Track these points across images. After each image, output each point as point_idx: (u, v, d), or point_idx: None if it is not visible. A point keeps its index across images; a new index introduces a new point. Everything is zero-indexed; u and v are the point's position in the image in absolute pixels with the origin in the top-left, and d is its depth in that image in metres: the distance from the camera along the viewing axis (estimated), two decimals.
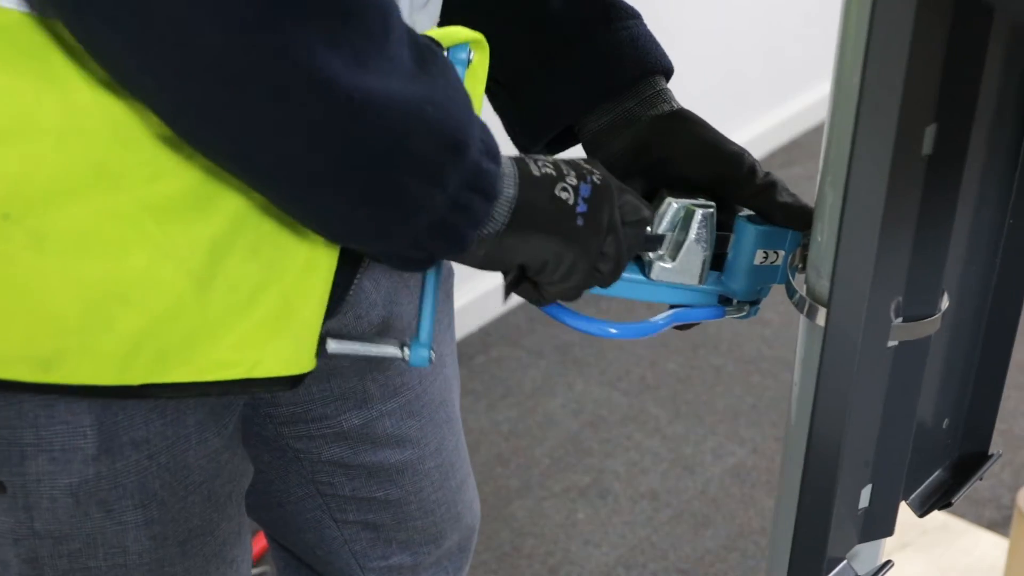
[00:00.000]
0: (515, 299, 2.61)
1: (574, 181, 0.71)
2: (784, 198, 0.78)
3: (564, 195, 0.70)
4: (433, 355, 0.77)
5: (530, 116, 0.85)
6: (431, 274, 0.78)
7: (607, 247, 0.72)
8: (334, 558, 1.03)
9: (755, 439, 2.10)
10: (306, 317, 0.72)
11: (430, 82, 0.63)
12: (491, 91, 0.86)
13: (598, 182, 0.71)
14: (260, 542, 1.79)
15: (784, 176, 3.47)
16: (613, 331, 0.77)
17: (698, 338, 2.34)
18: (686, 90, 0.94)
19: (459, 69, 0.74)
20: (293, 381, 0.73)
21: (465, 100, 0.66)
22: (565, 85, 0.83)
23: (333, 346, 0.76)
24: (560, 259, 0.71)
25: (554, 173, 0.70)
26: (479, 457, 2.06)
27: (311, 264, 0.71)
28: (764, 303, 0.82)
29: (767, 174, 0.79)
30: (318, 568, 1.06)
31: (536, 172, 0.70)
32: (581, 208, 0.70)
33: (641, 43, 0.83)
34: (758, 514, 1.94)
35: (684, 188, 0.79)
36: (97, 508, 0.75)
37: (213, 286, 0.68)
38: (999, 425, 2.11)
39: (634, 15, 0.84)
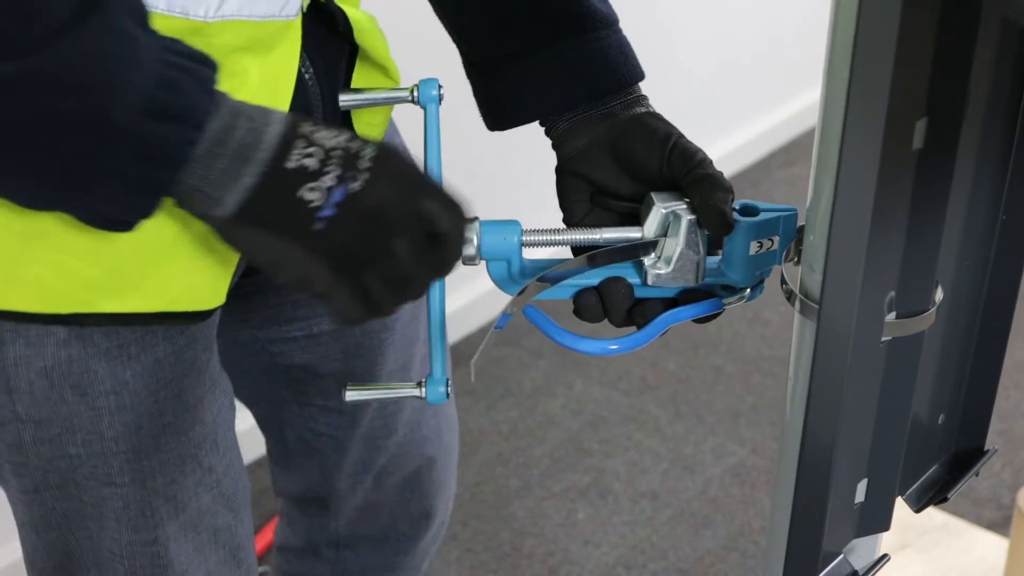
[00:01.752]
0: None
1: (331, 182, 0.66)
2: (711, 195, 0.76)
3: (310, 195, 0.66)
4: (450, 390, 0.79)
5: (494, 107, 0.86)
6: (436, 313, 0.78)
7: (384, 267, 0.68)
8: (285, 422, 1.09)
9: (755, 439, 2.10)
10: (224, 257, 0.77)
11: (52, 56, 0.60)
12: (467, 68, 0.87)
13: (358, 188, 0.66)
14: (265, 537, 1.79)
15: (784, 176, 3.46)
16: (613, 347, 0.77)
17: (698, 338, 2.34)
18: (686, 90, 0.94)
19: (431, 107, 0.76)
20: (206, 315, 0.78)
21: (114, 62, 0.62)
22: (529, 88, 0.83)
23: (351, 395, 0.79)
24: (287, 264, 0.67)
25: (312, 167, 0.66)
26: (479, 457, 2.06)
27: None
28: (765, 303, 0.82)
29: (705, 164, 0.78)
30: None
31: (290, 164, 0.66)
32: (327, 212, 0.66)
33: (612, 55, 0.83)
34: (758, 514, 1.94)
35: (647, 186, 0.80)
36: (72, 392, 0.78)
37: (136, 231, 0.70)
38: (999, 425, 2.12)
39: (609, 24, 0.84)
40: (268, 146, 0.66)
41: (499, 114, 0.86)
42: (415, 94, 0.79)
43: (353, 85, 0.87)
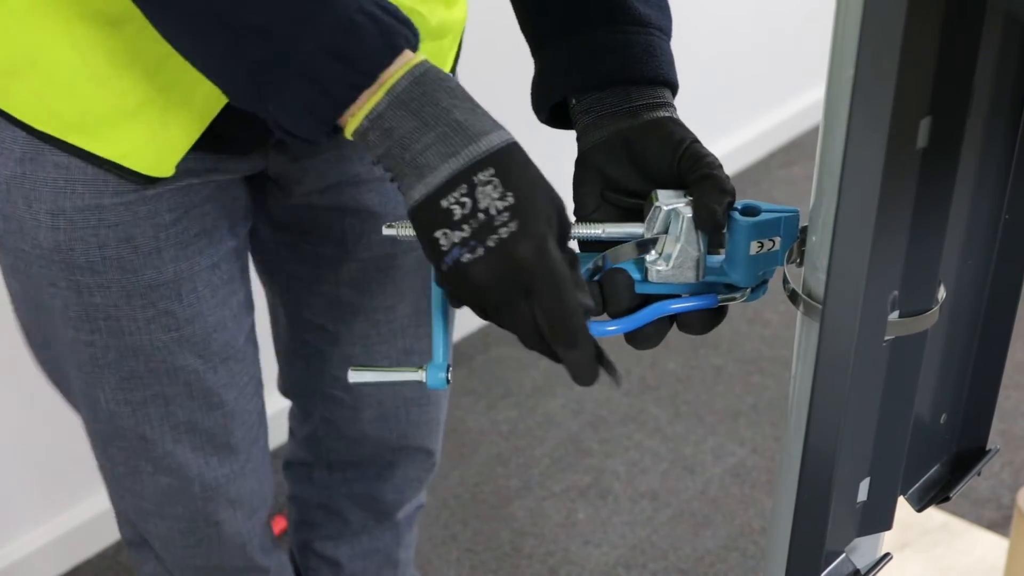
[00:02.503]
0: None
1: (457, 239, 0.69)
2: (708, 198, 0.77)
3: (442, 240, 0.70)
4: (450, 376, 0.79)
5: (533, 84, 0.89)
6: (439, 297, 0.79)
7: (503, 321, 0.72)
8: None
9: (755, 439, 2.10)
10: (177, 139, 0.91)
11: None
12: None
13: (480, 254, 0.69)
14: (280, 524, 1.80)
15: (784, 176, 3.46)
16: (611, 328, 0.78)
17: (698, 338, 2.34)
18: (686, 89, 0.95)
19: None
20: (151, 179, 0.93)
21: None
22: (552, 71, 0.87)
23: (354, 376, 0.79)
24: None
25: (455, 213, 0.69)
26: (479, 457, 2.06)
27: (197, 96, 0.89)
28: (764, 303, 0.82)
29: (711, 165, 0.79)
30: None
31: (443, 203, 0.69)
32: (449, 260, 0.70)
33: (636, 50, 0.84)
34: (758, 514, 1.94)
35: (656, 184, 0.80)
36: (22, 201, 0.95)
37: (108, 87, 0.88)
38: (998, 425, 2.12)
39: (642, 23, 0.86)
40: (441, 174, 0.70)
41: (532, 93, 0.89)
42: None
43: None
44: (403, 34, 0.71)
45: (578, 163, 0.86)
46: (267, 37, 0.70)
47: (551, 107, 0.89)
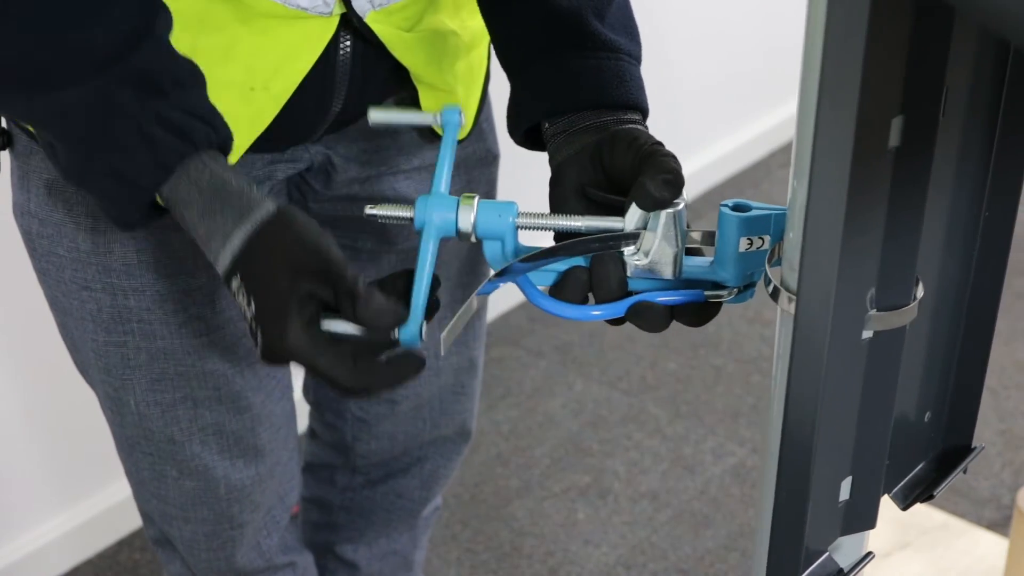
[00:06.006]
0: (513, 299, 2.59)
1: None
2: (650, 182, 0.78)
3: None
4: (424, 333, 0.80)
5: (508, 109, 0.92)
6: (426, 247, 0.80)
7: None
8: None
9: (755, 439, 2.10)
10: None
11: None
12: None
13: (260, 343, 0.79)
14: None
15: (784, 176, 3.46)
16: (596, 312, 0.79)
17: (698, 338, 2.34)
18: (686, 90, 0.96)
19: (449, 128, 0.83)
20: None
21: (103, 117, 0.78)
22: (525, 97, 0.90)
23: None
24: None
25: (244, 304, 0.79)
26: (479, 457, 2.06)
27: (246, 112, 0.91)
28: (764, 302, 0.82)
29: (656, 155, 0.79)
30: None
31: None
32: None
33: (607, 76, 0.86)
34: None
35: (626, 192, 0.81)
36: (62, 205, 0.98)
37: None
38: (999, 425, 2.12)
39: (612, 49, 0.88)
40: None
41: (508, 122, 0.91)
42: (438, 118, 0.85)
43: (423, 106, 1.02)
44: (177, 151, 0.79)
45: (552, 181, 0.87)
46: (62, 153, 0.81)
47: (525, 130, 0.90)
